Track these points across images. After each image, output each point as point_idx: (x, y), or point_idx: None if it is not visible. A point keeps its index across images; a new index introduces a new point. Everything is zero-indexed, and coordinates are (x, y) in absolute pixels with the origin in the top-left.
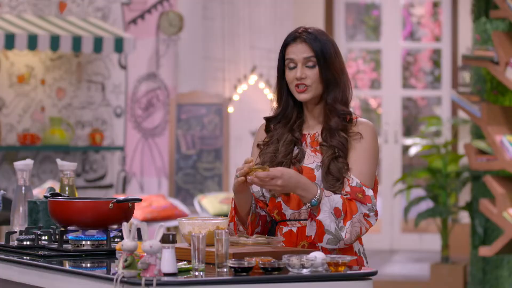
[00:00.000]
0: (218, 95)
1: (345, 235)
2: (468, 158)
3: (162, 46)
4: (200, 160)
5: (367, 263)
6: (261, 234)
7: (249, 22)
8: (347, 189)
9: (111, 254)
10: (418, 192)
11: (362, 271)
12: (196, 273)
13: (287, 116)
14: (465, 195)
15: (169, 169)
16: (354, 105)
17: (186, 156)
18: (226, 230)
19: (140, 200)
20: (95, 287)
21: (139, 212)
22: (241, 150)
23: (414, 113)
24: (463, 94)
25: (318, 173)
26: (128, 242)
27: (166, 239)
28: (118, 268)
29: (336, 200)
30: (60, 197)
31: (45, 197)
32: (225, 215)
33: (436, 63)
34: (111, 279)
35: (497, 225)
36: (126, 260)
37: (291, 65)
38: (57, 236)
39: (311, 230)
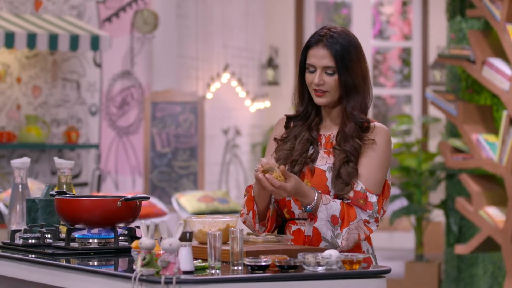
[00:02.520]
0: (193, 93)
1: (341, 242)
2: (443, 156)
3: (137, 44)
4: (175, 158)
5: (376, 263)
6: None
7: (222, 21)
8: (351, 193)
9: (119, 252)
10: (391, 190)
11: (376, 269)
12: (213, 271)
13: (306, 114)
14: (437, 194)
15: (144, 167)
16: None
17: (161, 154)
18: (241, 228)
19: (148, 198)
20: (112, 285)
21: None
22: (214, 149)
23: (383, 111)
24: (439, 92)
25: (329, 175)
26: (146, 240)
27: (183, 237)
28: (136, 266)
29: (334, 207)
30: (66, 195)
31: (51, 195)
32: (203, 214)
33: (405, 62)
34: (129, 277)
35: (471, 223)
36: (144, 258)
37: (311, 69)
38: (60, 234)
39: (309, 230)
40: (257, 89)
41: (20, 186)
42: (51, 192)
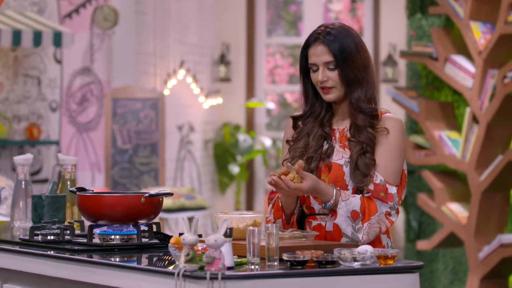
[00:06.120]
0: (154, 89)
1: (362, 237)
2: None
3: (97, 41)
4: (136, 154)
5: None
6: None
7: (179, 17)
8: (371, 186)
9: (142, 249)
10: None
11: (409, 264)
12: (252, 267)
13: (315, 112)
14: None
15: (105, 164)
16: (272, 99)
17: (122, 151)
18: (276, 225)
19: (171, 194)
20: (153, 282)
21: None
22: (170, 145)
23: None
24: (400, 89)
25: (346, 170)
26: (189, 236)
27: (225, 233)
28: (179, 262)
29: (354, 202)
30: (88, 192)
31: (72, 191)
32: (170, 210)
33: None
34: (171, 274)
35: (431, 219)
36: (188, 254)
37: (314, 68)
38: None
39: (330, 226)
40: (210, 86)
41: (23, 182)
42: (71, 189)
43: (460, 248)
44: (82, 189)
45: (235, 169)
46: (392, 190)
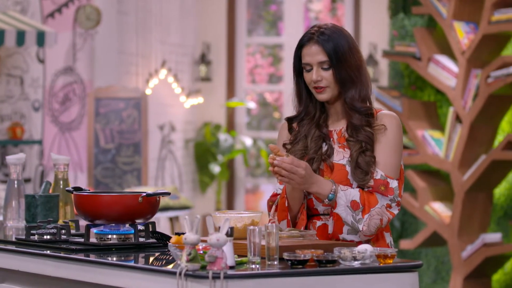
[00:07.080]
0: (136, 89)
1: (362, 228)
2: None
3: (79, 40)
4: (119, 154)
5: None
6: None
7: (160, 17)
8: (371, 182)
9: (139, 248)
10: None
11: (409, 263)
12: (253, 266)
13: (309, 113)
14: None
15: (87, 163)
16: (252, 99)
17: (105, 150)
18: (277, 224)
19: (169, 193)
20: (154, 281)
21: None
22: (152, 145)
23: None
24: (383, 89)
25: (349, 169)
26: (191, 235)
27: (226, 232)
28: (181, 261)
29: (353, 193)
30: (85, 191)
31: (68, 191)
32: None
33: None
34: (173, 273)
35: (414, 219)
36: (189, 254)
37: (308, 68)
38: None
39: (332, 226)
40: (191, 85)
41: (15, 182)
42: (67, 188)
43: (443, 248)
44: (78, 189)
45: (215, 168)
46: (393, 184)
